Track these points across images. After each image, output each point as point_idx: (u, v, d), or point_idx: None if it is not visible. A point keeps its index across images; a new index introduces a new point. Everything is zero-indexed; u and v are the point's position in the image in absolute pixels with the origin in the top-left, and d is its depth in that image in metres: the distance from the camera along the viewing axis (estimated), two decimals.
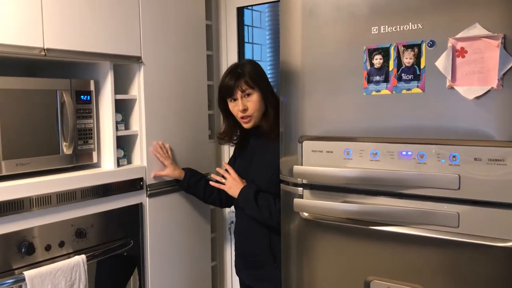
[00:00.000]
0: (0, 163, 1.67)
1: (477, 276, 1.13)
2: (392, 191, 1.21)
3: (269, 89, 1.84)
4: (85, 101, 1.91)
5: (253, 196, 1.74)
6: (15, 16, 1.61)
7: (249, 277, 1.91)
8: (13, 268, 1.63)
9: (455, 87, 1.09)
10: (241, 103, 1.79)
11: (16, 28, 1.62)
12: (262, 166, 1.83)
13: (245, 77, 1.79)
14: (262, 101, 1.80)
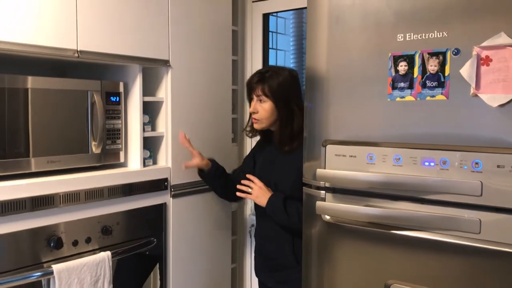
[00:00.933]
0: (30, 160, 1.74)
1: (498, 283, 1.14)
2: (414, 196, 1.23)
3: (286, 104, 1.83)
4: (114, 102, 1.97)
5: (282, 204, 1.77)
6: (50, 18, 1.68)
7: (272, 279, 1.94)
8: (42, 261, 1.69)
9: (479, 95, 1.11)
10: (253, 105, 1.88)
11: (51, 30, 1.69)
12: (285, 170, 1.86)
13: (266, 84, 1.84)
14: (274, 111, 1.84)
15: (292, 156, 1.82)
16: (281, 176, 1.87)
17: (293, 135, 1.83)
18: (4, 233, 1.58)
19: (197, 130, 2.24)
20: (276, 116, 1.86)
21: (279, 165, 1.90)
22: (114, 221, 1.90)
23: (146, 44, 2.00)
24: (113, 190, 1.90)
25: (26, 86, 1.71)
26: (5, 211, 1.57)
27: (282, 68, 1.93)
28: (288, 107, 1.85)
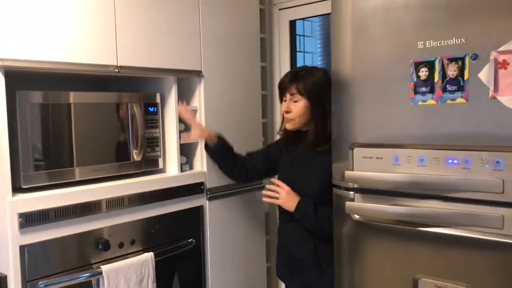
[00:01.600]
0: (74, 170, 1.87)
1: None
2: (438, 195, 1.29)
3: (320, 103, 1.81)
4: (152, 112, 2.09)
5: (313, 209, 1.76)
6: (93, 38, 1.81)
7: (292, 281, 1.93)
8: (91, 262, 1.82)
9: (497, 97, 1.17)
10: (286, 105, 1.85)
11: (94, 49, 1.82)
12: (311, 172, 1.84)
13: (300, 82, 1.81)
14: (308, 110, 1.82)
15: (320, 158, 1.80)
16: (307, 179, 1.85)
17: (326, 137, 1.77)
18: (58, 237, 1.72)
19: (230, 135, 2.33)
20: (309, 116, 1.83)
21: (305, 168, 1.88)
22: (155, 224, 2.02)
23: (180, 57, 2.12)
24: (154, 194, 2.02)
25: (69, 101, 1.84)
26: (58, 217, 1.71)
27: (317, 67, 1.89)
28: (323, 107, 1.80)
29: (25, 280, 1.65)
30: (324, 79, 1.83)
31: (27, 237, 1.64)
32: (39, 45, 1.67)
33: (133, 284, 1.87)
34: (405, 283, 1.37)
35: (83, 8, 1.78)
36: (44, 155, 1.77)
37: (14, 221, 1.61)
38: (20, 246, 1.63)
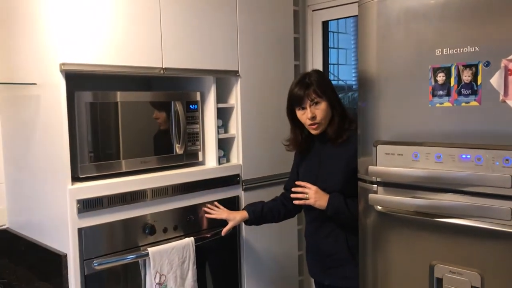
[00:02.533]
0: (121, 162, 2.07)
1: None
2: (453, 188, 1.42)
3: (335, 97, 1.91)
4: (193, 109, 2.28)
5: (345, 204, 1.83)
6: (140, 43, 2.00)
7: (329, 277, 1.97)
8: (139, 245, 2.02)
9: (507, 101, 1.28)
10: (310, 111, 1.87)
11: (141, 53, 2.01)
12: (333, 169, 1.91)
13: (314, 86, 1.87)
14: (329, 108, 1.89)
15: (340, 149, 1.88)
16: (330, 173, 1.91)
17: (345, 127, 1.88)
18: (110, 221, 1.92)
19: (264, 131, 2.51)
20: (332, 114, 1.90)
21: (326, 163, 1.94)
22: (196, 211, 2.21)
23: (218, 58, 2.29)
24: (194, 185, 2.21)
25: (116, 100, 2.04)
26: (110, 204, 1.92)
27: (309, 72, 1.98)
28: (338, 100, 1.92)
29: (82, 259, 1.86)
30: (322, 75, 1.97)
31: (84, 221, 1.86)
32: (95, 50, 1.87)
33: (176, 266, 2.06)
34: (422, 269, 1.50)
35: (133, 17, 1.97)
36: (96, 148, 1.97)
37: (73, 207, 1.83)
38: (78, 229, 1.84)
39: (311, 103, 1.88)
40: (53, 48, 1.81)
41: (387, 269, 1.61)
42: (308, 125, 1.91)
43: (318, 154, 1.99)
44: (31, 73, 1.97)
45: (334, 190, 1.89)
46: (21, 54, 2.03)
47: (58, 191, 1.86)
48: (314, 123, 1.89)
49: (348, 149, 1.83)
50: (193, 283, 2.12)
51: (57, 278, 1.87)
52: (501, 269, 1.35)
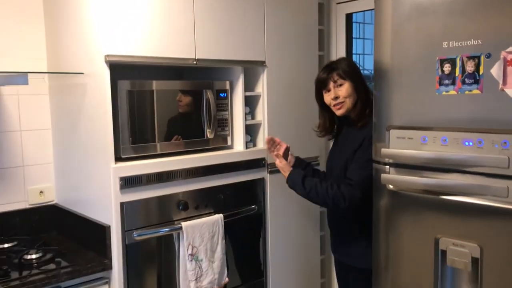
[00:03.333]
0: (158, 144, 2.27)
1: None
2: (457, 169, 1.56)
3: (360, 81, 2.02)
4: (222, 97, 2.46)
5: (301, 182, 2.01)
6: (175, 35, 2.19)
7: (340, 255, 2.17)
8: (173, 219, 2.23)
9: (506, 90, 1.42)
10: (333, 92, 2.01)
11: (176, 45, 2.20)
12: (345, 150, 2.05)
13: (338, 70, 2.01)
14: (353, 91, 2.00)
15: (358, 133, 2.00)
16: (343, 152, 2.06)
17: (368, 112, 1.99)
18: (148, 197, 2.13)
19: (289, 119, 2.67)
20: (356, 97, 2.01)
21: (342, 147, 2.10)
22: (225, 191, 2.40)
23: (246, 49, 2.47)
24: (223, 166, 2.40)
25: (152, 88, 2.24)
26: (148, 182, 2.13)
27: (339, 58, 2.15)
28: (363, 84, 2.03)
29: (123, 230, 2.08)
30: (351, 62, 2.10)
31: (125, 196, 2.07)
32: (135, 43, 2.07)
33: (206, 239, 2.27)
34: (428, 242, 1.65)
35: (168, 12, 2.16)
36: (135, 132, 2.18)
37: (116, 183, 2.05)
38: (120, 203, 2.06)
39: (335, 84, 2.01)
40: (98, 41, 2.02)
41: (397, 243, 1.77)
42: (333, 106, 2.04)
43: (344, 138, 2.14)
44: (78, 64, 2.19)
45: (339, 171, 2.05)
46: (68, 46, 2.26)
47: (103, 169, 2.08)
48: (337, 103, 2.02)
49: (363, 134, 1.99)
50: (222, 255, 2.32)
51: (102, 247, 2.10)
52: (498, 241, 1.50)
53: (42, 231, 2.44)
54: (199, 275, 2.24)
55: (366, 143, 1.94)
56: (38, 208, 2.45)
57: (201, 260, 2.24)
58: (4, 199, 2.37)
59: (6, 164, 2.37)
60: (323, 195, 1.96)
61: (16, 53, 2.33)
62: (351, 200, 1.92)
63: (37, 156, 2.45)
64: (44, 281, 1.90)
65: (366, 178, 1.89)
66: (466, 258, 1.56)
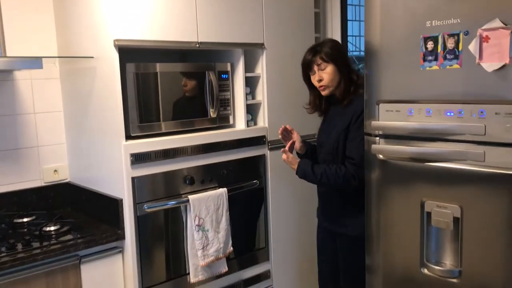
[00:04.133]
0: (160, 124, 2.42)
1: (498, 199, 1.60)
2: (440, 138, 1.71)
3: (344, 63, 2.14)
4: (224, 79, 2.61)
5: (311, 169, 2.12)
6: (178, 19, 2.33)
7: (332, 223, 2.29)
8: (180, 193, 2.40)
9: (482, 64, 1.56)
10: (317, 75, 2.14)
11: (180, 29, 2.34)
12: (334, 127, 2.18)
13: (321, 53, 2.12)
14: (337, 73, 2.12)
15: (345, 110, 2.14)
16: (331, 130, 2.19)
17: (352, 90, 2.14)
18: (157, 172, 2.29)
19: (288, 98, 2.82)
20: (338, 77, 2.13)
21: (330, 125, 2.22)
22: (228, 167, 2.56)
23: (246, 32, 2.60)
24: (226, 144, 2.56)
25: (156, 70, 2.38)
26: (157, 158, 2.28)
27: (325, 40, 2.27)
28: (346, 65, 2.15)
29: (135, 203, 2.24)
30: (335, 44, 2.20)
31: (136, 171, 2.23)
32: (141, 28, 2.21)
33: (212, 211, 2.43)
34: (415, 205, 1.81)
35: None
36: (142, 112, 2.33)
37: (127, 159, 2.20)
38: (131, 178, 2.22)
39: (318, 67, 2.14)
40: (107, 26, 2.16)
41: (387, 209, 1.93)
42: (318, 87, 2.18)
43: (331, 114, 2.29)
44: (87, 49, 2.33)
45: (329, 146, 2.18)
46: (78, 32, 2.40)
47: (114, 147, 2.24)
48: (321, 86, 2.16)
49: (350, 111, 2.13)
50: (226, 226, 2.49)
51: (115, 219, 2.27)
52: (476, 202, 1.65)
53: (57, 207, 2.60)
54: (205, 244, 2.40)
55: (357, 123, 2.09)
56: (53, 186, 2.62)
57: (207, 230, 2.41)
58: (21, 178, 2.53)
59: (22, 145, 2.53)
60: (334, 178, 2.10)
61: (27, 39, 2.47)
62: (360, 177, 2.06)
63: (51, 137, 2.61)
64: (63, 250, 2.07)
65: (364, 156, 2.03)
66: (448, 218, 1.71)
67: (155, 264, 2.34)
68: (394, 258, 1.92)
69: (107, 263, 2.23)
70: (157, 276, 2.34)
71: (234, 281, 2.64)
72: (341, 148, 2.15)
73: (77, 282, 2.12)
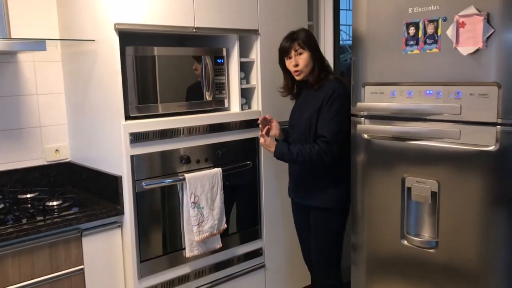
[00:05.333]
0: (158, 105, 2.51)
1: (475, 174, 1.73)
2: (420, 117, 1.83)
3: (317, 51, 2.34)
4: (220, 63, 2.71)
5: (288, 149, 2.30)
6: (177, 5, 2.43)
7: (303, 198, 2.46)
8: (177, 172, 2.51)
9: (458, 48, 1.68)
10: (294, 60, 2.32)
11: (177, 14, 2.44)
12: (305, 109, 2.35)
13: (298, 40, 2.31)
14: (311, 59, 2.31)
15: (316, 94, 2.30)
16: (302, 111, 2.36)
17: (321, 76, 2.31)
18: (155, 151, 2.40)
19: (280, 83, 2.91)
20: (313, 64, 2.31)
21: (302, 108, 2.38)
22: (223, 148, 2.68)
23: (241, 18, 2.70)
24: (221, 126, 2.66)
25: (154, 54, 2.48)
26: (154, 137, 2.39)
27: (300, 29, 2.41)
28: (319, 52, 2.35)
29: (133, 180, 2.35)
30: (309, 33, 2.40)
31: (135, 150, 2.34)
32: (141, 12, 2.31)
33: (207, 189, 2.55)
34: (396, 181, 1.94)
35: None
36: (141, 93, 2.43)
37: (126, 138, 2.31)
38: (130, 156, 2.33)
39: (296, 53, 2.31)
40: (108, 11, 2.25)
41: (371, 186, 2.06)
42: (293, 72, 2.35)
43: (302, 98, 2.44)
44: (88, 32, 2.43)
45: (303, 126, 2.34)
46: (79, 16, 2.49)
47: (114, 127, 2.34)
48: (297, 70, 2.33)
49: (322, 94, 2.28)
50: (221, 204, 2.61)
51: (114, 196, 2.38)
52: (452, 177, 1.78)
53: (59, 185, 2.71)
54: (200, 221, 2.53)
55: (328, 104, 2.24)
56: (55, 165, 2.73)
57: (202, 207, 2.53)
58: (24, 156, 2.64)
59: (25, 125, 2.63)
60: (309, 156, 2.25)
61: (30, 23, 2.57)
62: (332, 153, 2.24)
63: (52, 118, 2.72)
64: (65, 223, 2.19)
65: (336, 133, 2.22)
66: (426, 193, 1.84)
67: (152, 238, 2.46)
68: (377, 233, 2.06)
69: (106, 237, 2.35)
70: (154, 250, 2.47)
71: (228, 257, 2.77)
72: (314, 127, 2.30)
73: (78, 253, 2.24)
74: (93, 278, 2.29)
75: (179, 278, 2.55)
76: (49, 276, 2.15)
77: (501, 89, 1.61)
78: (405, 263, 1.94)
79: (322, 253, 2.45)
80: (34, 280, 2.11)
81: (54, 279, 2.17)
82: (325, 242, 2.41)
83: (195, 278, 2.62)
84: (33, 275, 2.11)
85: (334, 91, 2.23)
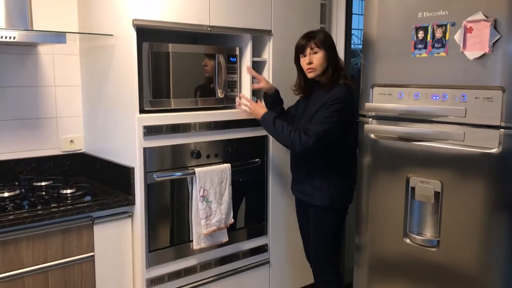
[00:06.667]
0: (171, 100, 2.58)
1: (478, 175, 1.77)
2: (426, 119, 1.89)
3: (333, 52, 2.38)
4: (232, 62, 2.78)
5: (273, 122, 2.41)
6: (192, 4, 2.50)
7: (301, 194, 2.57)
8: (187, 165, 2.58)
9: (465, 52, 1.73)
10: (308, 57, 2.37)
11: (193, 12, 2.50)
12: (312, 108, 2.40)
13: (315, 39, 2.36)
14: (325, 59, 2.35)
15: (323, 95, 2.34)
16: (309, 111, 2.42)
17: (333, 78, 2.34)
18: (167, 144, 2.47)
19: (290, 83, 2.96)
20: (327, 64, 2.35)
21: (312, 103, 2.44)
22: (232, 144, 2.74)
23: (255, 18, 2.77)
24: (232, 123, 2.72)
25: (168, 50, 2.55)
26: (167, 131, 2.46)
27: (318, 30, 2.50)
28: (335, 53, 2.38)
29: (145, 171, 2.42)
30: (328, 35, 2.45)
31: (147, 142, 2.41)
32: (159, 9, 2.38)
33: (216, 184, 2.61)
34: (401, 180, 1.99)
35: None
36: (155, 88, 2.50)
37: (140, 131, 2.38)
38: (143, 148, 2.40)
39: (311, 51, 2.37)
40: (126, 7, 2.33)
41: (377, 182, 2.11)
42: (306, 69, 2.40)
43: (313, 97, 2.49)
44: (107, 27, 2.51)
45: (305, 122, 2.40)
46: (98, 11, 2.57)
47: (129, 119, 2.42)
48: (310, 68, 2.38)
49: (327, 97, 2.33)
50: (229, 199, 2.67)
51: (126, 187, 2.45)
52: (455, 178, 1.83)
53: (72, 175, 2.79)
54: (208, 214, 2.59)
55: (328, 104, 2.29)
56: (69, 155, 2.81)
57: (210, 201, 2.59)
58: (40, 145, 2.72)
59: (42, 115, 2.72)
60: (285, 136, 2.35)
61: (50, 17, 2.65)
62: (304, 145, 2.30)
63: (69, 109, 2.80)
64: (78, 210, 2.26)
65: (323, 132, 2.27)
66: (430, 193, 1.89)
67: (161, 229, 2.53)
68: (381, 232, 2.11)
69: (117, 226, 2.42)
70: (162, 241, 2.54)
71: (234, 251, 2.83)
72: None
73: (89, 240, 2.32)
74: (103, 265, 2.37)
75: (186, 269, 2.62)
76: (61, 261, 2.23)
77: (506, 93, 1.66)
78: (407, 262, 1.99)
79: (320, 250, 2.51)
80: (46, 264, 2.18)
81: (65, 264, 2.24)
82: (322, 239, 2.48)
83: (201, 270, 2.68)
84: (45, 259, 2.18)
85: (338, 97, 2.28)
